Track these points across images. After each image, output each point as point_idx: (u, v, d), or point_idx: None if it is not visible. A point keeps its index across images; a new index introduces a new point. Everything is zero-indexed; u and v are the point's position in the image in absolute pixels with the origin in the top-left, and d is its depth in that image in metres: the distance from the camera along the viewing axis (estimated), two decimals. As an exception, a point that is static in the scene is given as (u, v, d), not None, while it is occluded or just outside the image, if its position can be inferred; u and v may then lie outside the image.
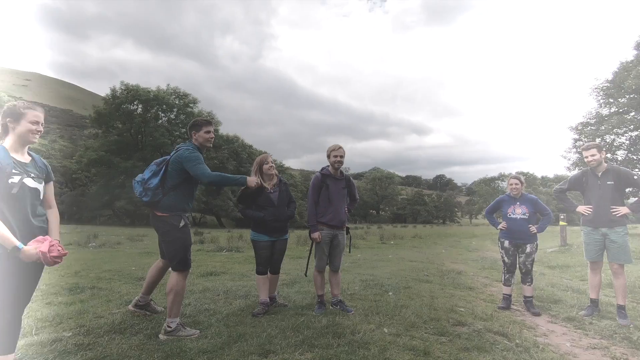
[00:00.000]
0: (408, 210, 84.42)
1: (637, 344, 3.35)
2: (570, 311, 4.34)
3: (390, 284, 5.34)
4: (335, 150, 3.92)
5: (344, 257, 4.36)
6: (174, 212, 3.10)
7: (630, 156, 27.67)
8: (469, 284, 5.85)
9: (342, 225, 3.95)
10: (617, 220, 4.00)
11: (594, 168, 4.19)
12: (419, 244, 14.70)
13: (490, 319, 3.88)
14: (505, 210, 4.63)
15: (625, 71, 25.10)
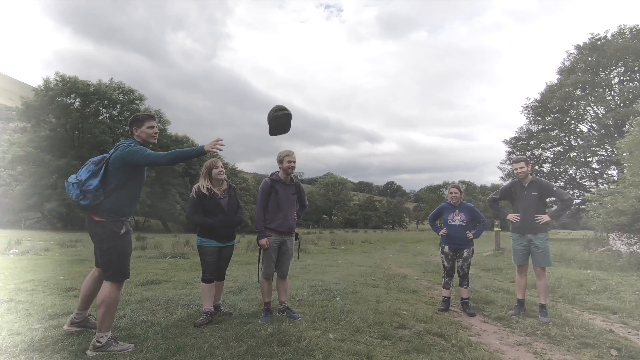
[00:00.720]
0: (360, 215, 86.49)
1: (554, 339, 3.70)
2: (501, 311, 4.69)
3: (338, 289, 5.40)
4: (289, 156, 3.89)
5: (294, 263, 4.34)
6: (115, 216, 2.84)
7: (554, 169, 30.95)
8: (413, 288, 6.11)
9: (291, 232, 3.93)
10: (540, 227, 4.43)
11: (522, 179, 4.61)
12: (369, 249, 15.10)
13: (431, 320, 4.07)
14: (445, 217, 4.91)
15: (550, 93, 28.10)
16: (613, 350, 3.38)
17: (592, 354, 3.31)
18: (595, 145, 27.58)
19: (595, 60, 26.48)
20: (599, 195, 12.50)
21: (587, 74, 26.66)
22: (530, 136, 30.63)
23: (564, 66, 28.69)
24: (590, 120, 28.64)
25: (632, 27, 26.11)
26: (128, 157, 2.84)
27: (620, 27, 26.56)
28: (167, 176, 37.94)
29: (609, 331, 4.00)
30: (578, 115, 28.94)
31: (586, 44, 27.38)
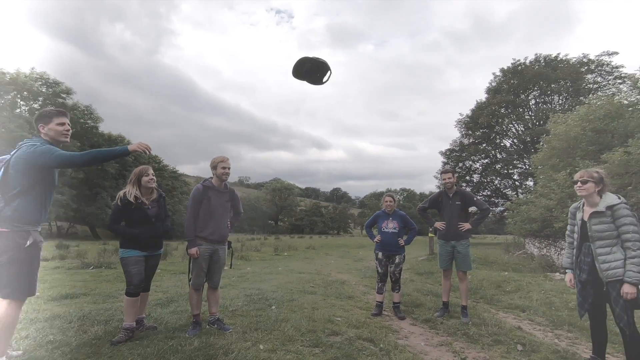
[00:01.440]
0: (306, 221, 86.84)
1: (472, 338, 4.00)
2: (428, 313, 4.97)
3: (275, 297, 5.34)
4: (224, 162, 3.77)
5: (232, 272, 4.21)
6: (19, 226, 2.51)
7: (482, 179, 33.87)
8: (350, 293, 6.24)
9: (224, 240, 3.81)
10: (462, 234, 4.80)
11: (448, 190, 4.97)
12: (312, 255, 15.18)
13: (363, 326, 4.19)
14: (380, 225, 5.11)
15: (479, 110, 30.86)
16: (519, 345, 3.75)
17: (502, 350, 3.63)
18: (516, 159, 30.81)
19: (516, 83, 29.71)
20: (516, 204, 13.98)
21: (510, 94, 29.81)
22: (462, 148, 33.31)
23: (491, 86, 31.75)
24: (512, 136, 31.98)
25: (546, 56, 29.79)
26: (33, 159, 2.54)
27: (537, 55, 30.18)
28: (97, 178, 34.77)
29: (518, 328, 4.42)
30: (502, 131, 32.13)
31: (509, 68, 30.63)
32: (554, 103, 29.29)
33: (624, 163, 7.75)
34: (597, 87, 26.62)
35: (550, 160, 10.62)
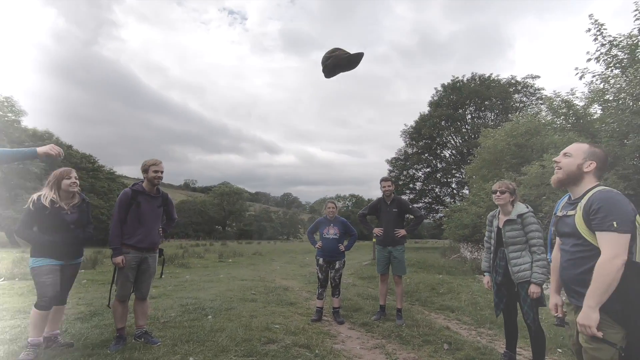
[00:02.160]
0: (255, 226, 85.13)
1: (404, 340, 4.18)
2: (366, 317, 5.11)
3: (212, 306, 5.14)
4: (156, 165, 3.56)
5: (168, 280, 3.97)
6: None
7: (424, 187, 35.88)
8: (292, 300, 6.22)
9: (154, 248, 3.59)
10: (398, 240, 5.02)
11: (386, 197, 5.18)
12: (257, 261, 14.91)
13: (301, 332, 4.18)
14: (321, 231, 5.17)
15: (422, 121, 32.77)
16: (446, 344, 3.99)
17: (430, 350, 3.84)
18: (454, 169, 33.15)
19: (455, 98, 32.09)
20: (451, 211, 15.04)
21: (449, 109, 32.10)
22: (406, 157, 35.10)
23: (433, 100, 33.94)
24: (451, 147, 34.39)
25: (481, 76, 32.60)
26: None
27: (473, 74, 32.91)
28: (18, 177, 31.04)
29: (446, 328, 4.72)
30: (442, 143, 34.42)
31: (449, 84, 33.02)
32: (487, 118, 32.07)
33: (539, 175, 8.72)
34: (522, 106, 29.67)
35: (481, 171, 11.64)
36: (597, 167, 1.83)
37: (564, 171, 1.88)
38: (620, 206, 1.64)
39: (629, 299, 1.59)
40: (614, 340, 1.61)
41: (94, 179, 36.92)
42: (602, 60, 10.70)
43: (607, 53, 10.58)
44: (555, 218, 2.00)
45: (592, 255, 1.69)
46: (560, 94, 12.17)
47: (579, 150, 1.87)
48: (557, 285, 2.08)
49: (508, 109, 29.63)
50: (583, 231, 1.74)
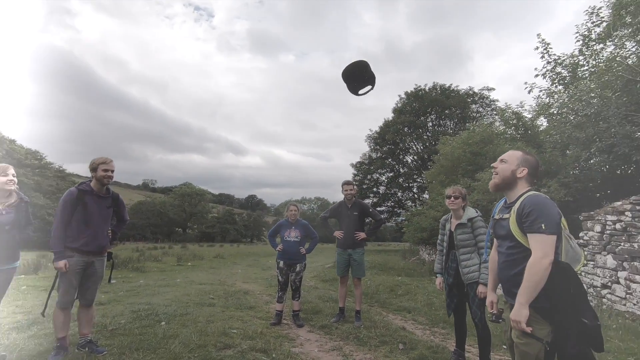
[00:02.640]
0: (217, 228, 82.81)
1: (362, 341, 4.25)
2: (326, 319, 5.14)
3: (166, 312, 4.93)
4: (105, 164, 3.36)
5: (120, 285, 3.75)
6: None
7: (387, 191, 36.79)
8: (252, 304, 6.11)
9: (102, 251, 3.39)
10: (358, 243, 5.10)
11: (348, 201, 5.25)
12: (218, 265, 14.52)
13: (259, 336, 4.12)
14: (283, 234, 5.15)
15: (386, 127, 33.64)
16: (401, 344, 4.11)
17: (386, 350, 3.93)
18: (415, 174, 34.30)
19: (417, 106, 33.28)
20: (411, 215, 15.56)
21: (412, 116, 33.23)
22: (371, 162, 35.84)
23: (397, 107, 34.97)
24: (413, 153, 35.58)
25: (442, 85, 34.09)
26: None
27: (435, 83, 34.34)
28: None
29: (402, 328, 4.85)
30: (405, 148, 35.53)
31: (412, 92, 34.20)
32: (447, 127, 33.56)
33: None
34: (479, 116, 31.37)
35: (439, 177, 12.16)
36: (528, 173, 1.96)
37: (500, 176, 2.00)
38: (548, 209, 1.77)
39: (554, 296, 1.72)
40: (541, 336, 1.74)
41: (41, 177, 34.17)
42: (548, 77, 11.62)
43: (552, 70, 11.50)
44: (493, 221, 2.12)
45: (525, 257, 1.80)
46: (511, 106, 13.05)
47: (513, 157, 1.99)
48: (494, 284, 2.21)
49: (466, 118, 31.21)
50: (516, 234, 1.85)
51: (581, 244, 7.25)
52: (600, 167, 9.48)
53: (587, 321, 1.65)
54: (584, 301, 1.70)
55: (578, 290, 1.71)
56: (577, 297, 1.70)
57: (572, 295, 1.70)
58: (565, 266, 1.75)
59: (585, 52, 10.79)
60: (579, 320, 1.66)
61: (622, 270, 6.09)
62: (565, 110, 10.60)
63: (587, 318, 1.65)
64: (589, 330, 1.65)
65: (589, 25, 10.44)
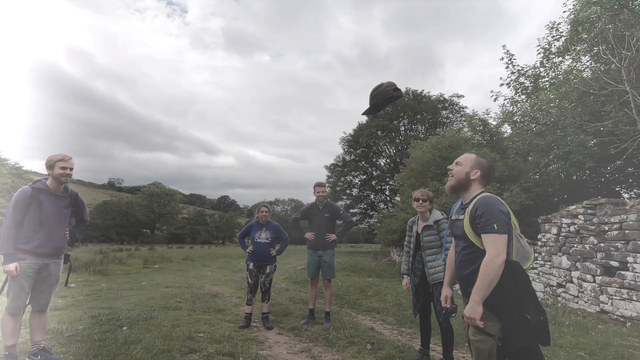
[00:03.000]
0: (187, 230, 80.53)
1: (331, 342, 4.26)
2: (296, 321, 5.12)
3: (129, 316, 4.74)
4: (64, 161, 3.18)
5: (79, 289, 3.56)
6: None
7: (360, 193, 37.24)
8: (221, 307, 5.99)
9: (58, 253, 3.21)
10: (329, 245, 5.13)
11: (320, 202, 5.27)
12: (187, 267, 14.13)
13: (226, 340, 4.05)
14: (253, 235, 5.09)
15: (360, 130, 34.09)
16: (369, 345, 4.16)
17: (354, 351, 3.97)
18: (387, 177, 34.93)
19: (390, 110, 33.93)
20: (382, 217, 15.86)
21: (385, 120, 33.85)
22: (344, 164, 36.14)
23: (371, 111, 35.52)
24: (386, 156, 36.23)
25: (414, 91, 34.98)
26: None
27: (407, 88, 35.15)
28: None
29: (371, 329, 4.92)
30: (378, 151, 36.12)
31: (386, 97, 34.83)
32: (418, 131, 34.45)
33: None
34: (449, 121, 32.47)
35: (410, 180, 12.48)
36: (481, 175, 2.03)
37: (455, 178, 2.07)
38: (499, 210, 1.86)
39: (503, 293, 1.80)
40: (493, 332, 1.82)
41: (-6, 174, 31.90)
42: (512, 86, 12.23)
43: (516, 80, 12.11)
44: (450, 221, 2.21)
45: (478, 257, 1.88)
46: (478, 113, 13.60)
47: (467, 160, 2.07)
48: (450, 280, 2.31)
49: (437, 123, 32.18)
50: (470, 235, 1.94)
51: (540, 246, 7.66)
52: (558, 173, 10.09)
53: (530, 317, 1.73)
54: (531, 298, 1.78)
55: (525, 287, 1.79)
56: (523, 294, 1.78)
57: (519, 292, 1.78)
58: (514, 264, 1.83)
59: (545, 64, 11.46)
60: (524, 316, 1.74)
61: (575, 270, 6.48)
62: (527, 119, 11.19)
63: (531, 314, 1.73)
64: (534, 325, 1.73)
65: (550, 39, 11.11)
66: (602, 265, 5.83)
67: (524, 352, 1.74)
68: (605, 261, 5.76)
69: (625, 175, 10.87)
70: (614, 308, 5.52)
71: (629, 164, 9.93)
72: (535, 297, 1.82)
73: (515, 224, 1.95)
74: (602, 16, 7.65)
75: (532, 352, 1.76)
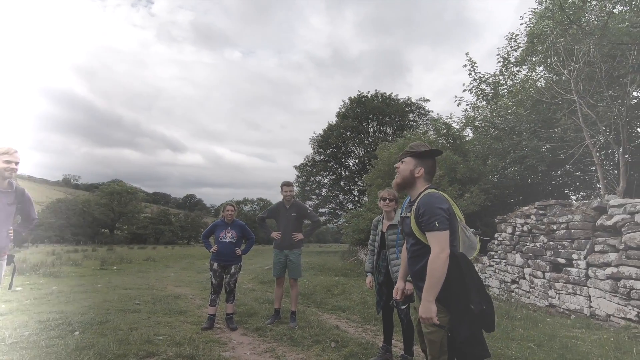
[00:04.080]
0: (150, 229, 77.26)
1: (295, 341, 4.25)
2: (260, 321, 5.06)
3: (82, 320, 4.47)
4: (9, 155, 2.94)
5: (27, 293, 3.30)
6: None
7: (329, 193, 37.49)
8: (183, 308, 5.81)
9: (1, 253, 2.97)
10: (295, 244, 5.12)
11: (287, 202, 5.24)
12: (149, 268, 13.57)
13: (187, 342, 3.92)
14: (217, 234, 4.98)
15: (330, 131, 34.32)
16: (333, 343, 4.19)
17: (318, 349, 3.98)
18: (356, 177, 35.42)
19: (359, 112, 34.47)
20: (350, 216, 16.09)
21: (355, 121, 34.31)
22: (314, 164, 36.23)
23: (341, 111, 35.86)
24: (355, 157, 36.73)
25: (383, 94, 35.71)
26: None
27: (377, 91, 35.87)
28: None
29: (336, 327, 4.96)
30: (347, 152, 36.53)
31: (355, 98, 35.33)
32: (387, 133, 35.21)
33: (424, 186, 9.99)
34: (415, 124, 33.43)
35: (377, 180, 12.73)
36: (425, 172, 2.12)
37: (401, 175, 2.16)
38: (439, 208, 1.93)
39: (450, 286, 1.89)
40: (443, 323, 1.90)
41: None
42: (474, 92, 12.81)
43: (478, 87, 12.70)
44: (401, 218, 2.30)
45: (426, 252, 1.96)
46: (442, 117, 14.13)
47: (411, 159, 2.16)
48: (404, 273, 2.44)
49: (404, 126, 33.04)
50: (416, 232, 2.02)
51: (496, 244, 8.09)
52: (514, 175, 10.69)
53: (473, 307, 1.82)
54: (475, 288, 1.87)
55: (470, 278, 1.88)
56: (468, 285, 1.87)
57: (464, 284, 1.87)
58: (460, 257, 1.92)
59: (504, 73, 12.12)
60: (469, 306, 1.83)
61: (528, 267, 6.91)
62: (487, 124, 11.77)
63: (474, 304, 1.82)
64: (477, 315, 1.82)
65: (509, 49, 11.76)
66: (551, 262, 6.25)
67: (470, 340, 1.83)
68: (553, 258, 6.17)
69: (572, 178, 11.72)
70: (560, 302, 5.93)
71: (576, 168, 10.73)
72: (480, 286, 1.90)
73: (460, 216, 2.05)
74: (554, 30, 8.20)
75: (477, 340, 1.85)
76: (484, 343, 1.87)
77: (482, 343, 1.86)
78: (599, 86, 8.14)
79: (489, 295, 1.92)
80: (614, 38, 7.27)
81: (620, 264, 4.91)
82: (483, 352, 1.84)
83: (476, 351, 1.84)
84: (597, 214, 5.65)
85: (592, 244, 5.53)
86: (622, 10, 7.72)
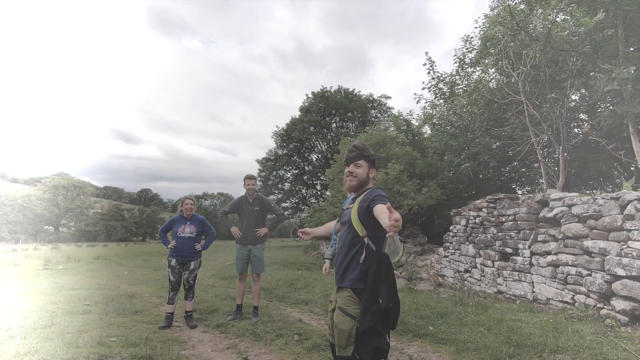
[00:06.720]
0: (101, 226, 72.66)
1: (258, 336, 4.23)
2: (222, 318, 4.96)
3: (23, 325, 4.13)
4: None
5: None
6: None
7: (292, 188, 37.38)
8: (138, 308, 5.55)
9: None
10: (259, 239, 5.06)
11: (250, 195, 5.16)
12: (99, 267, 12.77)
13: (144, 343, 3.76)
14: (176, 230, 4.79)
15: (293, 125, 34.20)
16: (296, 336, 4.22)
17: (282, 343, 3.99)
18: (319, 172, 35.61)
19: (323, 107, 34.59)
20: (313, 210, 16.17)
21: (318, 116, 34.39)
22: (277, 158, 35.90)
23: (304, 106, 35.77)
24: (318, 152, 36.86)
25: (346, 89, 36.09)
26: None
27: (340, 86, 36.16)
28: None
29: (299, 320, 4.99)
30: (310, 147, 36.56)
31: (319, 93, 35.40)
32: (349, 128, 35.67)
33: (384, 180, 10.24)
34: (377, 120, 34.18)
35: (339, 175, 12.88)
36: (375, 173, 2.37)
37: (359, 179, 2.31)
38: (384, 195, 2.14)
39: (366, 277, 2.01)
40: (354, 314, 2.03)
41: None
42: (432, 91, 13.30)
43: (436, 86, 13.20)
44: (341, 210, 2.46)
45: (357, 243, 2.13)
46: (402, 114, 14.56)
47: (365, 162, 2.34)
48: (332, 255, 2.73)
49: (366, 122, 33.65)
50: (354, 221, 2.16)
51: (451, 236, 8.52)
52: (468, 171, 11.29)
53: (381, 301, 1.94)
54: (388, 285, 1.99)
55: (386, 275, 2.00)
56: (382, 280, 1.98)
57: (379, 278, 1.98)
58: (382, 254, 2.06)
59: (460, 73, 12.69)
60: (377, 299, 1.95)
61: (479, 257, 7.35)
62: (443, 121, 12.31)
63: (382, 299, 1.94)
64: (383, 309, 1.94)
65: (464, 51, 12.32)
66: (500, 252, 6.71)
67: (370, 331, 1.93)
68: (502, 248, 6.63)
69: (519, 174, 12.61)
70: (507, 288, 6.39)
71: (523, 165, 11.54)
72: (393, 286, 2.03)
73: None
74: (505, 35, 8.72)
75: (377, 333, 1.95)
76: (384, 337, 1.98)
77: (382, 337, 1.97)
78: (544, 89, 8.80)
79: (399, 297, 2.07)
80: (556, 45, 7.87)
81: (559, 252, 5.38)
82: (382, 345, 1.96)
83: (375, 342, 1.95)
84: (540, 207, 6.13)
85: (535, 234, 6.00)
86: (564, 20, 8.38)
